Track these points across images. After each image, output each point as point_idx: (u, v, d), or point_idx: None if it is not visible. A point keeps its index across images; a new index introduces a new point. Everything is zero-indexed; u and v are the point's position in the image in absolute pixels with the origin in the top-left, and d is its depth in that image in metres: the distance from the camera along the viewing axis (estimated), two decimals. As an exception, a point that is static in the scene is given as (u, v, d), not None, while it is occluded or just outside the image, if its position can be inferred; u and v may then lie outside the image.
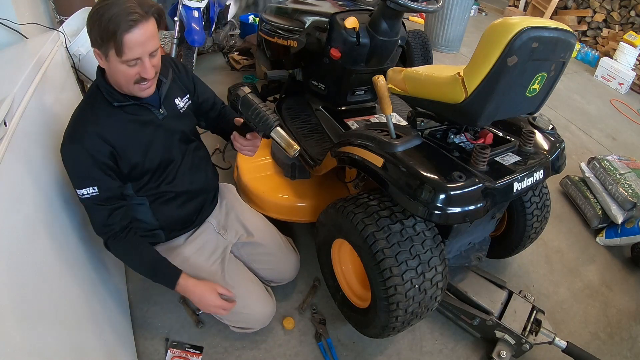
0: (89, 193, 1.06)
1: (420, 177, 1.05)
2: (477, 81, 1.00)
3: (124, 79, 1.01)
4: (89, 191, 1.06)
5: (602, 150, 2.81)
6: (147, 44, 0.97)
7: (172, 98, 1.20)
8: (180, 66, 1.27)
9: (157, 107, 1.15)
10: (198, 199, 1.35)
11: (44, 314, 0.86)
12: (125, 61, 0.97)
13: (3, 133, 0.91)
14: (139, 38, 0.95)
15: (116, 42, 0.93)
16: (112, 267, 1.44)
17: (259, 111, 1.08)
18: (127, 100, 1.08)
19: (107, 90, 1.07)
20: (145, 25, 0.95)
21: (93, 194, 1.06)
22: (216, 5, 2.92)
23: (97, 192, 1.07)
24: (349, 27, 1.53)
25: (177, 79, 1.24)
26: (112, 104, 1.07)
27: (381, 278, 1.12)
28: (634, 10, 3.97)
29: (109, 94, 1.07)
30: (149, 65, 1.00)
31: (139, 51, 0.96)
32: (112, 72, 1.02)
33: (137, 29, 0.93)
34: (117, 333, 1.24)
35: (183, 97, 1.24)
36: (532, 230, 1.54)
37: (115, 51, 0.94)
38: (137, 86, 1.04)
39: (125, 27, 0.92)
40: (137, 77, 1.01)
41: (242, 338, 1.41)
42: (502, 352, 1.35)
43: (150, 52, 0.99)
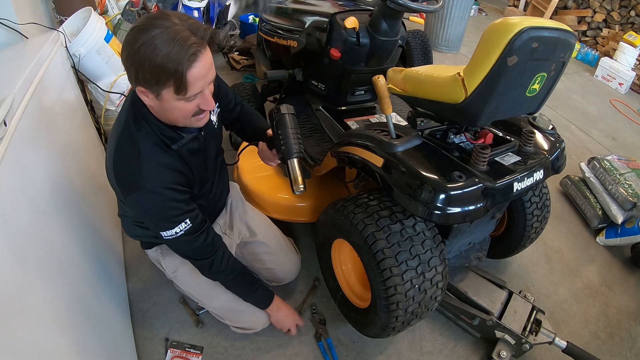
0: (182, 229, 0.98)
1: (420, 177, 1.05)
2: (477, 81, 0.99)
3: (182, 115, 0.91)
4: (181, 227, 0.98)
5: (602, 150, 2.81)
6: (208, 75, 0.87)
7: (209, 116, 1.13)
8: None
9: (200, 133, 1.07)
10: (218, 206, 1.36)
11: (43, 315, 0.86)
12: (186, 98, 0.86)
13: (3, 133, 0.91)
14: (202, 71, 0.83)
15: (178, 81, 0.81)
16: (112, 267, 1.45)
17: (288, 135, 1.07)
18: (181, 137, 0.99)
19: (158, 129, 0.95)
20: (205, 56, 0.84)
21: (187, 228, 0.99)
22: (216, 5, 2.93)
23: (190, 223, 1.00)
24: (349, 27, 1.53)
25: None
26: (171, 146, 0.98)
27: (381, 278, 1.12)
28: (634, 10, 3.97)
29: (162, 132, 0.96)
30: (209, 96, 0.91)
31: (201, 85, 0.86)
32: (164, 110, 0.90)
33: (199, 62, 0.82)
34: (117, 333, 1.24)
35: (215, 109, 1.16)
36: (532, 230, 1.54)
37: (175, 90, 0.83)
38: (194, 118, 0.94)
39: (188, 64, 0.80)
40: (196, 109, 0.91)
41: (242, 338, 1.40)
42: (502, 352, 1.35)
43: (211, 81, 0.90)
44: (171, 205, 0.96)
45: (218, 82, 1.20)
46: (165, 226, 0.98)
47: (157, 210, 0.96)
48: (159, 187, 0.94)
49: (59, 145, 1.28)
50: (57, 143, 1.27)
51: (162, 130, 0.97)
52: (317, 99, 1.89)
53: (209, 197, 1.24)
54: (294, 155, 1.06)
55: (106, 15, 2.28)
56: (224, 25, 3.21)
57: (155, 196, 0.94)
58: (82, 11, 1.93)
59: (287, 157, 1.07)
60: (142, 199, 0.94)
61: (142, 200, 0.95)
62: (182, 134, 1.00)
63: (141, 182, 0.92)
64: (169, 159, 0.98)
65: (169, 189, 0.95)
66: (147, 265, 1.58)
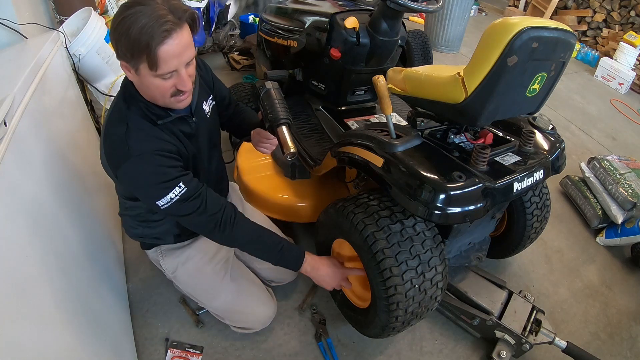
0: (177, 194, 0.96)
1: (420, 177, 1.05)
2: (477, 81, 0.99)
3: (159, 93, 0.93)
4: (176, 192, 0.96)
5: (602, 150, 2.81)
6: (183, 55, 0.88)
7: (200, 104, 1.14)
8: (201, 64, 1.20)
9: (191, 117, 1.09)
10: None
11: (43, 315, 0.86)
12: (160, 75, 0.88)
13: (3, 133, 0.91)
14: (175, 49, 0.85)
15: (149, 56, 0.84)
16: (112, 267, 1.45)
17: (273, 104, 1.07)
18: (168, 115, 1.01)
19: (145, 106, 0.98)
20: (180, 34, 0.86)
21: (182, 193, 0.96)
22: (216, 5, 2.93)
23: (185, 187, 0.97)
24: (349, 27, 1.53)
25: (203, 82, 1.18)
26: (157, 122, 0.99)
27: (381, 278, 1.12)
28: (634, 10, 3.97)
29: (149, 109, 0.98)
30: (185, 76, 0.92)
31: (174, 63, 0.87)
32: (144, 86, 0.93)
33: (171, 39, 0.84)
34: (117, 333, 1.24)
35: (208, 100, 1.18)
36: (532, 230, 1.54)
37: (148, 65, 0.86)
38: (174, 99, 0.95)
39: (159, 39, 0.83)
40: (174, 89, 0.93)
41: (242, 338, 1.41)
42: (502, 352, 1.35)
43: (187, 62, 0.91)
44: (162, 170, 0.95)
45: (212, 78, 1.24)
46: (158, 194, 0.95)
47: (148, 177, 0.95)
48: (147, 154, 0.94)
49: (59, 145, 1.28)
50: (57, 143, 1.27)
51: (150, 108, 0.99)
52: (317, 99, 1.89)
53: None
54: (282, 121, 1.06)
55: (106, 15, 2.28)
56: (224, 25, 3.21)
57: (144, 163, 0.94)
58: (82, 11, 1.93)
59: (274, 125, 1.07)
60: (132, 168, 0.94)
61: (132, 170, 0.94)
62: (169, 113, 1.01)
63: (129, 152, 0.93)
64: (156, 131, 0.99)
65: (157, 155, 0.95)
66: (147, 265, 1.58)
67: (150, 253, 1.34)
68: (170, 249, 1.30)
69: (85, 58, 1.81)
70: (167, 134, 1.02)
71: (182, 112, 1.05)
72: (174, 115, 1.02)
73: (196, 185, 1.01)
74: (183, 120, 1.06)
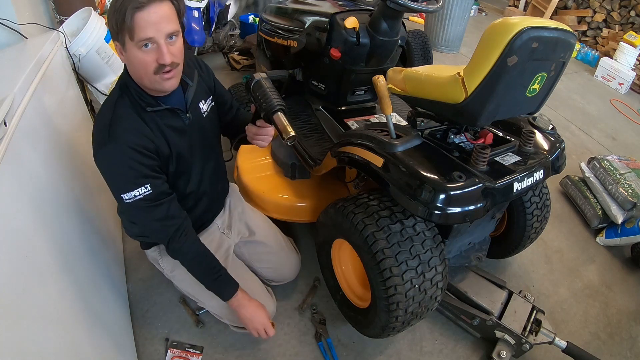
0: (140, 194, 0.98)
1: (420, 177, 1.05)
2: (477, 81, 1.00)
3: (143, 68, 0.94)
4: (140, 191, 0.98)
5: (602, 150, 2.81)
6: (160, 24, 0.90)
7: (197, 102, 1.15)
8: (203, 65, 1.22)
9: (185, 112, 1.10)
10: (213, 205, 1.35)
11: (43, 314, 0.86)
12: (139, 42, 0.90)
13: (3, 133, 0.91)
14: (151, 17, 0.88)
15: (127, 24, 0.87)
16: (112, 267, 1.45)
17: (265, 93, 1.06)
18: (158, 105, 1.03)
19: (137, 92, 1.01)
20: (157, 5, 0.89)
21: (146, 194, 0.99)
22: (216, 5, 2.93)
23: (150, 189, 0.99)
24: (349, 27, 1.53)
25: (202, 81, 1.19)
26: (145, 109, 1.01)
27: (381, 278, 1.12)
28: (634, 10, 3.97)
29: (140, 96, 1.01)
30: (165, 49, 0.93)
31: (151, 31, 0.89)
32: (131, 63, 0.96)
33: (148, 7, 0.88)
34: (117, 333, 1.24)
35: (207, 100, 1.20)
36: (532, 230, 1.54)
37: (129, 35, 0.89)
38: (159, 77, 0.96)
39: (135, 4, 0.87)
40: (155, 64, 0.94)
41: (242, 338, 1.41)
42: (502, 352, 1.36)
43: (167, 34, 0.92)
44: (133, 165, 0.97)
45: (214, 80, 1.26)
46: (124, 187, 0.98)
47: (118, 168, 0.97)
48: (123, 145, 0.96)
49: (59, 145, 1.28)
50: (57, 143, 1.27)
51: (141, 95, 1.01)
52: (317, 99, 1.89)
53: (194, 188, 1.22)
54: (276, 109, 1.04)
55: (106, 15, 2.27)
56: (224, 25, 3.21)
57: (118, 154, 0.96)
58: (82, 11, 1.93)
59: (270, 114, 1.05)
60: (106, 155, 0.97)
61: (106, 157, 0.98)
62: (160, 103, 1.04)
63: (108, 138, 0.96)
64: (140, 123, 1.01)
65: (132, 150, 0.97)
66: (147, 265, 1.57)
67: (149, 252, 1.34)
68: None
69: (85, 58, 1.81)
70: (153, 127, 1.03)
71: (173, 103, 1.07)
72: (164, 106, 1.04)
73: (162, 192, 1.04)
74: (174, 113, 1.08)
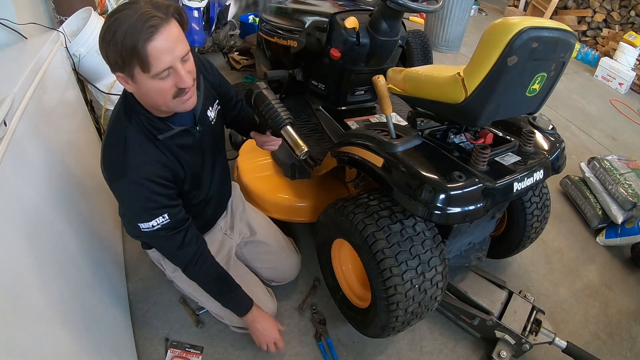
0: (159, 223, 0.98)
1: (420, 177, 1.05)
2: (477, 81, 0.99)
3: (160, 96, 0.88)
4: (159, 221, 0.97)
5: (602, 150, 2.81)
6: (175, 49, 0.84)
7: (205, 111, 1.11)
8: (207, 64, 1.16)
9: (195, 126, 1.06)
10: (220, 207, 1.36)
11: (43, 314, 0.86)
12: (156, 75, 0.84)
13: (3, 133, 0.91)
14: (164, 44, 0.81)
15: (140, 56, 0.80)
16: (112, 267, 1.45)
17: (271, 107, 1.04)
18: (170, 128, 0.99)
19: (147, 119, 0.96)
20: (167, 29, 0.82)
21: (164, 223, 0.98)
22: (216, 5, 2.93)
23: (168, 219, 0.99)
24: (349, 27, 1.53)
25: (208, 84, 1.14)
26: (157, 137, 0.97)
27: (381, 278, 1.12)
28: (634, 10, 3.97)
29: (150, 123, 0.96)
30: (184, 72, 0.86)
31: (167, 59, 0.83)
32: (144, 93, 0.89)
33: (159, 34, 0.80)
34: (117, 333, 1.24)
35: (214, 105, 1.15)
36: (532, 230, 1.54)
37: (141, 67, 0.82)
38: (178, 100, 0.90)
39: (146, 36, 0.79)
40: (175, 89, 0.88)
41: (242, 338, 1.40)
42: (502, 352, 1.35)
43: (181, 57, 0.86)
44: (151, 197, 0.96)
45: (219, 79, 1.20)
46: (143, 217, 0.97)
47: (137, 201, 0.96)
48: (141, 178, 0.94)
49: (59, 145, 1.28)
50: (57, 143, 1.27)
51: (151, 121, 0.97)
52: (317, 99, 1.89)
53: (207, 197, 1.22)
54: (285, 123, 1.03)
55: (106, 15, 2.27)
56: (224, 25, 3.21)
57: (136, 186, 0.94)
58: (82, 11, 1.93)
59: (278, 127, 1.04)
60: (124, 188, 0.95)
61: (124, 189, 0.95)
62: (171, 126, 1.00)
63: (125, 170, 0.93)
64: (155, 151, 0.98)
65: (151, 181, 0.95)
66: (147, 265, 1.58)
67: (150, 252, 1.34)
68: None
69: (85, 58, 1.81)
70: (166, 153, 1.00)
71: (185, 123, 1.03)
72: (177, 129, 1.00)
73: (181, 220, 1.03)
74: (186, 132, 1.04)
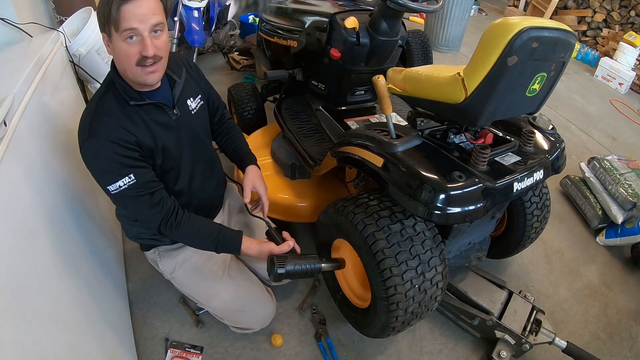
0: (125, 184, 1.00)
1: (420, 177, 1.05)
2: (477, 81, 0.99)
3: (126, 59, 0.96)
4: (125, 181, 1.00)
5: (602, 150, 2.81)
6: (145, 17, 0.93)
7: (185, 99, 1.18)
8: (193, 66, 1.25)
9: (171, 108, 1.12)
10: (209, 202, 1.35)
11: (43, 314, 0.86)
12: (123, 32, 0.92)
13: (3, 133, 0.91)
14: (136, 9, 0.91)
15: (113, 15, 0.90)
16: (112, 267, 1.45)
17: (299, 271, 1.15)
18: (142, 99, 1.05)
19: (122, 87, 1.03)
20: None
21: (130, 183, 1.01)
22: (216, 5, 2.93)
23: (135, 179, 1.01)
24: (349, 27, 1.53)
25: (191, 79, 1.22)
26: (129, 102, 1.03)
27: (381, 278, 1.12)
28: (634, 10, 3.97)
29: (124, 90, 1.03)
30: (149, 41, 0.95)
31: (135, 22, 0.92)
32: (116, 55, 0.98)
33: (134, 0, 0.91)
34: (117, 333, 1.24)
35: (195, 98, 1.22)
36: (532, 230, 1.54)
37: (114, 26, 0.92)
38: (141, 69, 0.98)
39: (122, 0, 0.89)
40: (138, 56, 0.96)
41: (242, 338, 1.41)
42: (502, 352, 1.36)
43: (151, 26, 0.94)
44: (115, 158, 0.99)
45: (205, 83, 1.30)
46: (109, 179, 1.00)
47: (101, 162, 1.00)
48: (103, 139, 0.98)
49: (59, 145, 1.28)
50: (57, 143, 1.27)
51: (126, 90, 1.04)
52: (317, 99, 1.89)
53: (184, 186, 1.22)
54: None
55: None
56: (224, 25, 3.21)
57: (100, 147, 0.98)
58: (82, 11, 1.93)
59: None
60: (89, 149, 0.99)
61: (89, 151, 0.99)
62: (145, 98, 1.06)
63: (88, 133, 0.99)
64: (120, 116, 1.02)
65: (113, 143, 0.99)
66: (147, 265, 1.57)
67: (148, 254, 1.34)
68: (167, 250, 1.30)
69: (85, 58, 1.81)
70: (136, 120, 1.05)
71: (159, 99, 1.09)
72: (148, 101, 1.06)
73: (148, 181, 1.05)
74: (160, 108, 1.10)
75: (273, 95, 2.25)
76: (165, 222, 1.08)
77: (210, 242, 1.15)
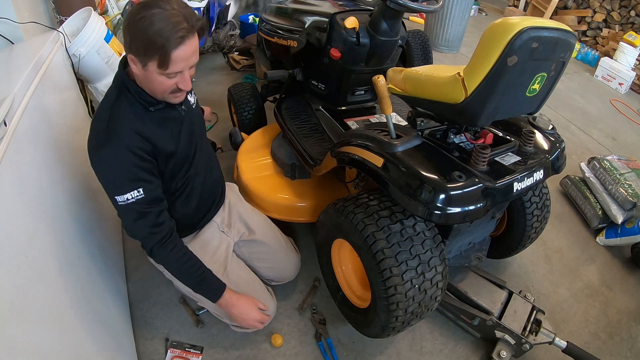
0: (133, 197, 1.01)
1: (420, 177, 1.05)
2: (477, 81, 1.00)
3: (161, 88, 1.01)
4: (133, 195, 1.01)
5: (602, 150, 2.81)
6: (190, 59, 0.98)
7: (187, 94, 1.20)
8: None
9: (180, 105, 1.16)
10: (209, 197, 1.36)
11: (43, 314, 0.86)
12: (167, 74, 0.96)
13: (3, 133, 0.91)
14: (185, 54, 0.95)
15: (162, 57, 0.92)
16: (112, 267, 1.45)
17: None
18: (160, 104, 1.08)
19: (137, 93, 1.04)
20: (191, 41, 0.95)
21: (138, 197, 1.02)
22: (216, 5, 2.93)
23: (143, 194, 1.02)
24: (349, 27, 1.53)
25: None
26: (148, 108, 1.06)
27: (381, 278, 1.12)
28: (634, 10, 3.97)
29: (144, 98, 1.05)
30: (188, 77, 1.00)
31: (182, 65, 0.96)
32: (148, 80, 1.00)
33: (184, 45, 0.93)
34: (117, 333, 1.24)
35: (192, 93, 1.26)
36: (532, 230, 1.54)
37: (158, 64, 0.94)
38: (172, 95, 1.03)
39: (174, 44, 0.91)
40: (175, 87, 1.01)
41: (242, 338, 1.41)
42: (502, 352, 1.35)
43: (192, 65, 1.00)
44: (129, 168, 1.00)
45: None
46: (120, 188, 1.00)
47: (115, 171, 1.00)
48: (121, 147, 0.99)
49: (59, 145, 1.28)
50: (57, 143, 1.27)
51: (142, 96, 1.05)
52: (317, 99, 1.89)
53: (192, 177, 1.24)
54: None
55: (106, 15, 2.28)
56: (224, 25, 3.21)
57: (115, 154, 0.99)
58: (82, 11, 1.93)
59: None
60: (105, 156, 0.99)
61: (104, 158, 0.99)
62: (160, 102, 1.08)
63: (106, 139, 0.99)
64: (139, 123, 1.04)
65: (130, 152, 1.00)
66: (147, 265, 1.57)
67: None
68: None
69: (85, 58, 1.81)
70: (155, 124, 1.07)
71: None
72: (164, 103, 1.09)
73: (156, 198, 1.06)
74: (171, 107, 1.12)
75: (273, 95, 2.25)
76: (161, 244, 1.09)
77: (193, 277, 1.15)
